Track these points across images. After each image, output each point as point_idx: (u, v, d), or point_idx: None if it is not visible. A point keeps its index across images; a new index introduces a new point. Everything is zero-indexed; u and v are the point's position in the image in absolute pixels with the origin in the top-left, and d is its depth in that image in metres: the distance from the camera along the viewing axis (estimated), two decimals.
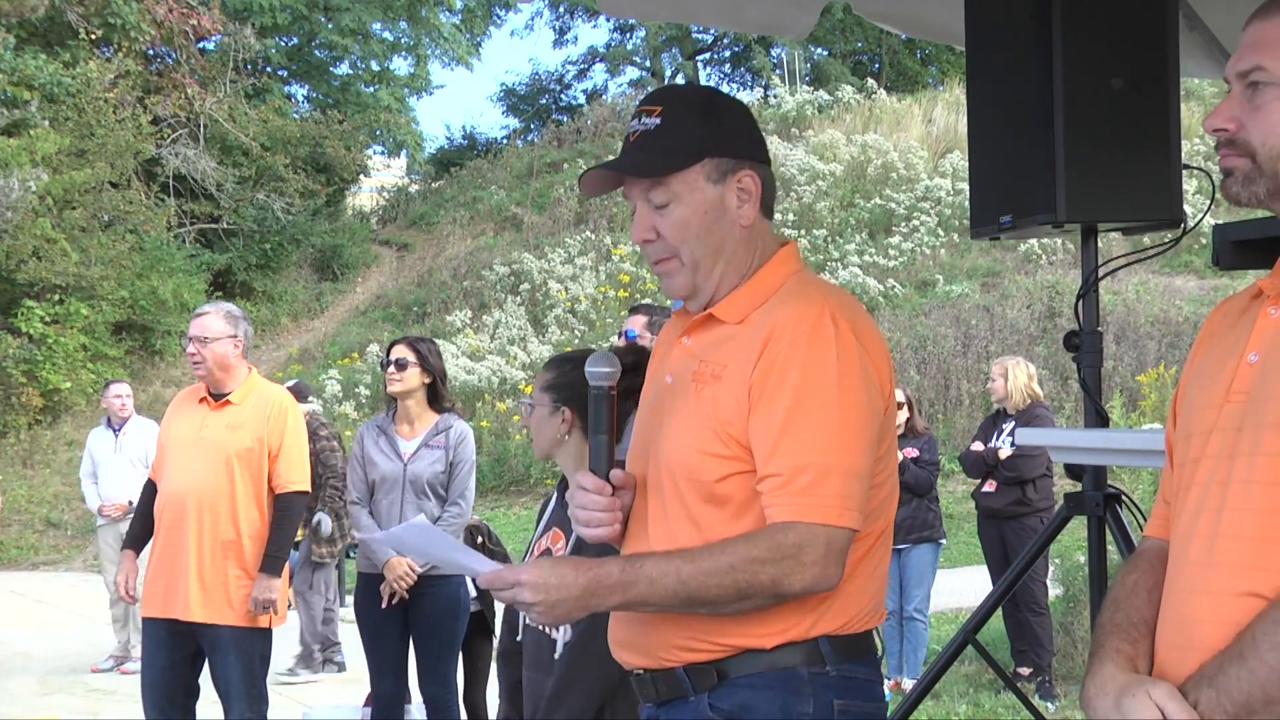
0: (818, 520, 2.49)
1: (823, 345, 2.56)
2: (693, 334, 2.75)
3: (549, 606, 2.49)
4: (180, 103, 26.90)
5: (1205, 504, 2.14)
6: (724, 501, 2.58)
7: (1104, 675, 2.18)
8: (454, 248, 29.16)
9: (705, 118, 2.71)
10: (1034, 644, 9.37)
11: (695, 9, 6.06)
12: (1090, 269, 4.78)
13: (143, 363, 25.00)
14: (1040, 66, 4.44)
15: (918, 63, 40.46)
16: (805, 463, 2.50)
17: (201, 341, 6.39)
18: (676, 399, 2.68)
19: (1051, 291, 22.03)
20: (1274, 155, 2.14)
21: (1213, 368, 2.25)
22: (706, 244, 2.68)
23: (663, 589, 2.48)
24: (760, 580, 2.47)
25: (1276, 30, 2.16)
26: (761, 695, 2.58)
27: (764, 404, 2.54)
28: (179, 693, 6.44)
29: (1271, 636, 1.97)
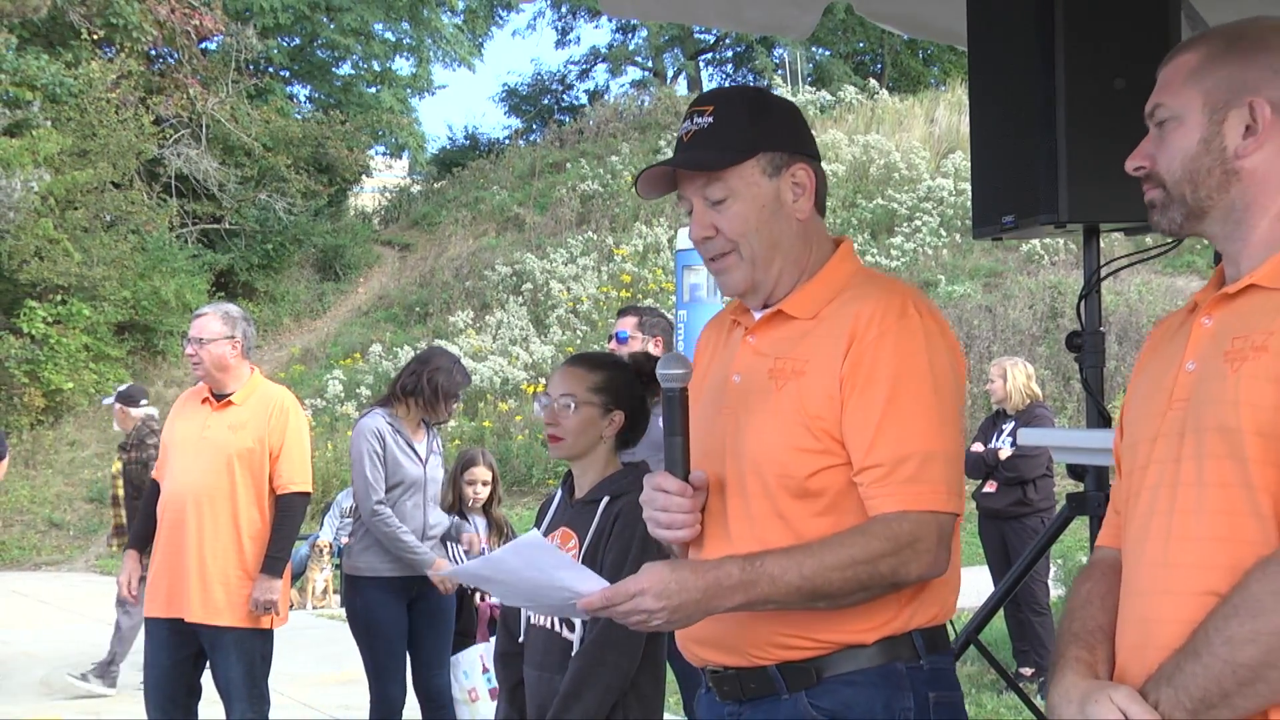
0: (927, 508, 2.54)
1: (911, 334, 2.60)
2: (759, 332, 2.76)
3: (673, 610, 2.48)
4: (182, 103, 26.92)
5: (1156, 507, 2.22)
6: (816, 496, 2.60)
7: (1066, 683, 2.24)
8: (456, 248, 29.16)
9: (756, 114, 2.75)
10: (1036, 644, 9.36)
11: (697, 9, 6.05)
12: (1092, 269, 4.78)
13: (145, 363, 25.02)
14: (1042, 66, 4.44)
15: (920, 63, 40.46)
16: (908, 451, 2.54)
17: (199, 343, 6.40)
18: (753, 397, 2.69)
19: (1054, 292, 22.01)
20: (1176, 180, 2.30)
21: (1154, 379, 2.34)
22: (765, 238, 2.71)
23: (785, 586, 2.49)
24: (880, 571, 2.51)
25: (1172, 72, 2.35)
26: (863, 692, 2.61)
27: (859, 396, 2.58)
28: (181, 693, 6.45)
29: (1222, 631, 2.03)
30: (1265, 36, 2.28)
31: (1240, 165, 2.25)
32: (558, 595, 2.63)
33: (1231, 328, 2.21)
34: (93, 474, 21.85)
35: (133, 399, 11.11)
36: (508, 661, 4.17)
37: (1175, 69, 2.35)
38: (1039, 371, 10.39)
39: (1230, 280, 2.29)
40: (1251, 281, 2.22)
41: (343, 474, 19.10)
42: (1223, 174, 2.26)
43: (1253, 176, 2.25)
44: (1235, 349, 2.16)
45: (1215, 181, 2.27)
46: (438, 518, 7.10)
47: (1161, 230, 2.36)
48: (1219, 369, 2.17)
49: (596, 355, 4.08)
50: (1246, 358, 2.14)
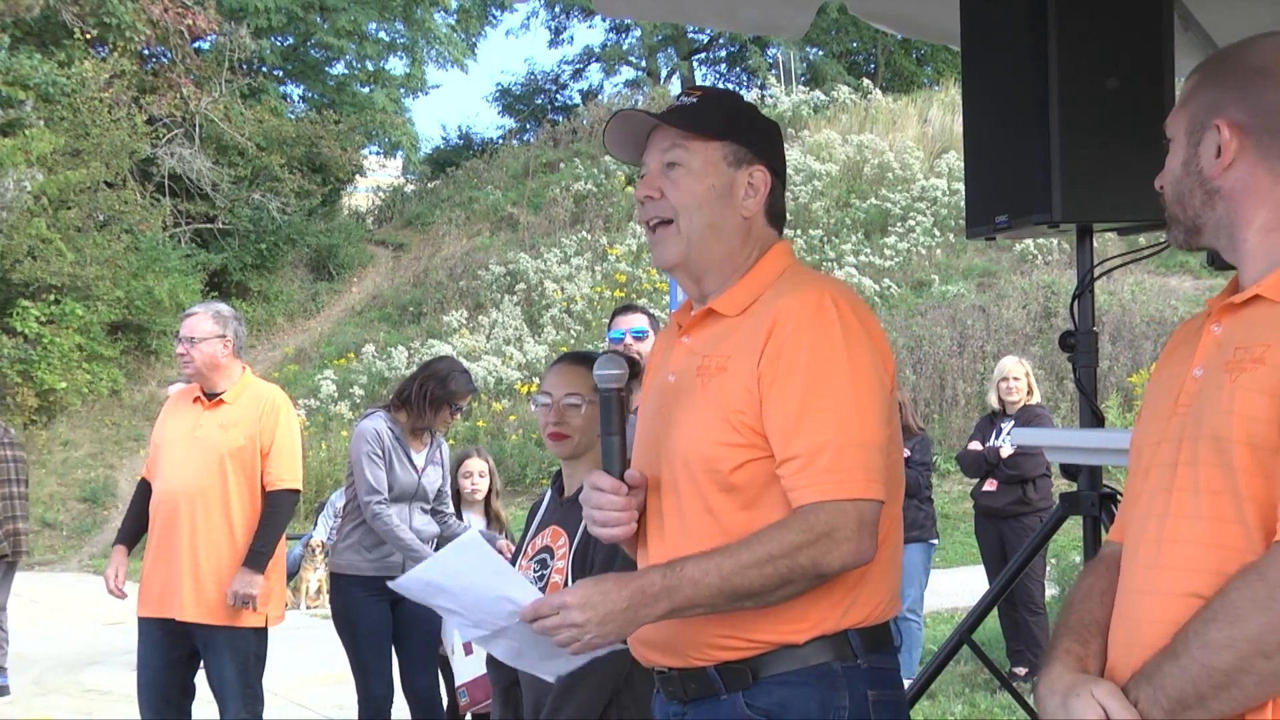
0: (845, 496, 2.54)
1: (828, 327, 2.63)
2: (692, 332, 2.81)
3: (599, 623, 2.50)
4: (175, 102, 26.88)
5: (1152, 510, 2.27)
6: (740, 489, 2.63)
7: (1053, 675, 2.28)
8: (450, 248, 29.16)
9: (738, 111, 2.86)
10: (1030, 643, 9.36)
11: (691, 9, 6.06)
12: (1086, 269, 4.78)
13: (138, 363, 25.00)
14: (1035, 66, 4.44)
15: (913, 63, 40.47)
16: (824, 441, 2.56)
17: (190, 341, 6.40)
18: (682, 395, 2.73)
19: (1047, 291, 22.03)
20: (1170, 200, 2.39)
21: (1167, 382, 2.39)
22: (706, 218, 2.76)
23: (707, 589, 2.51)
24: (800, 563, 2.51)
25: (1179, 95, 2.41)
26: (798, 692, 2.62)
27: (777, 389, 2.60)
28: (175, 693, 6.45)
29: (1201, 635, 2.08)
30: (1245, 55, 2.34)
31: (1218, 185, 2.31)
32: (499, 607, 2.63)
33: (1235, 337, 2.25)
34: (86, 474, 21.82)
35: None
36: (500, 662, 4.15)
37: (1180, 93, 2.41)
38: (1034, 371, 10.35)
39: (1243, 287, 2.33)
40: (1257, 293, 2.25)
41: (336, 474, 19.09)
42: (1205, 194, 2.33)
43: (1232, 194, 2.30)
44: (1235, 359, 2.20)
45: (1199, 201, 2.34)
46: (423, 523, 7.09)
47: (1175, 245, 2.44)
48: (1219, 378, 2.21)
49: (594, 354, 4.08)
50: (1244, 369, 2.18)
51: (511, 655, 2.78)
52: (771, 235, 2.85)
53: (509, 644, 2.73)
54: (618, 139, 2.88)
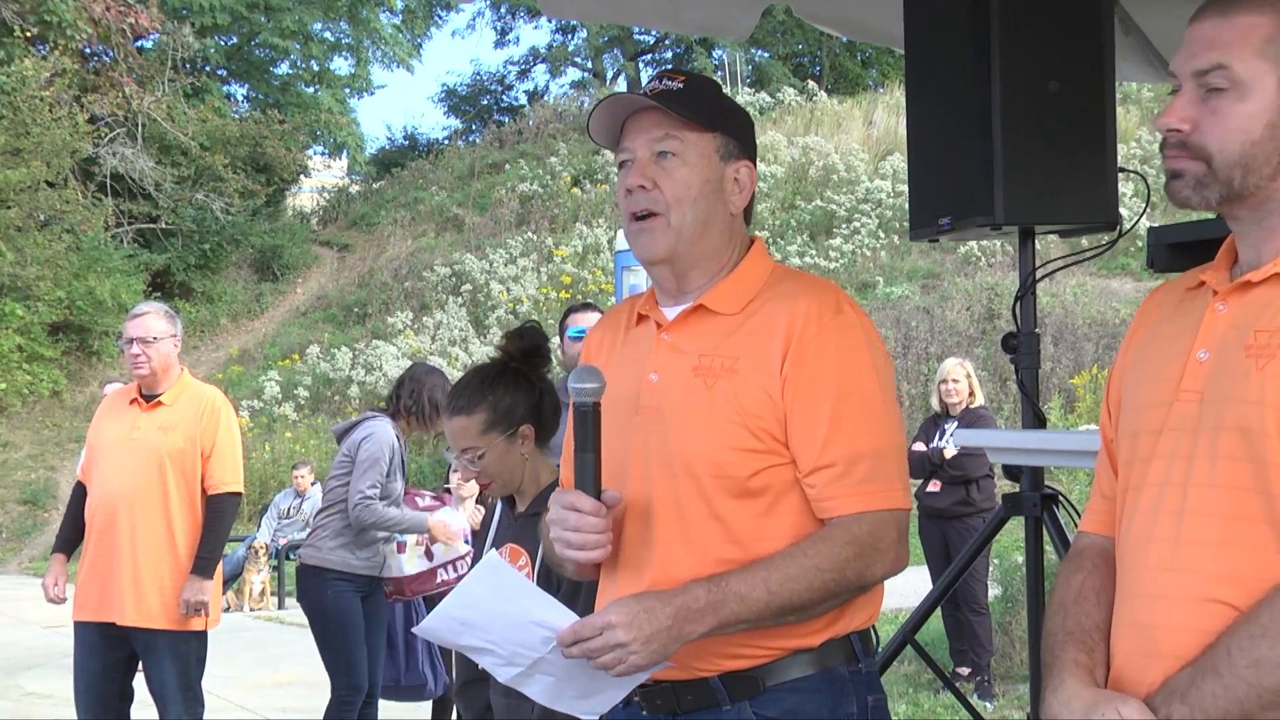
0: (884, 506, 2.51)
1: (851, 331, 2.58)
2: (676, 329, 2.68)
3: (644, 642, 2.39)
4: (118, 102, 26.69)
5: (1163, 506, 2.10)
6: (757, 495, 2.54)
7: (1068, 691, 2.13)
8: (395, 248, 29.07)
9: (723, 100, 2.75)
10: (973, 644, 9.41)
11: (636, 10, 6.05)
12: (1028, 271, 4.81)
13: (80, 364, 24.80)
14: (978, 70, 4.46)
15: (858, 65, 40.64)
16: (860, 450, 2.51)
17: (146, 342, 6.33)
18: (678, 396, 2.60)
19: (991, 293, 22.16)
20: (1230, 161, 2.10)
21: (1156, 362, 2.22)
22: (699, 212, 2.65)
23: (754, 603, 2.44)
24: (847, 576, 2.48)
25: (1238, 30, 2.12)
26: (809, 699, 2.56)
27: (805, 396, 2.53)
28: (113, 697, 6.39)
29: (1249, 652, 1.93)
30: None
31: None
32: (532, 636, 2.50)
33: (1252, 319, 2.08)
34: (26, 476, 21.63)
35: None
36: (470, 690, 4.02)
37: (1239, 30, 2.11)
38: (977, 373, 10.38)
39: (1247, 265, 2.17)
40: (1277, 271, 2.10)
41: (280, 475, 19.01)
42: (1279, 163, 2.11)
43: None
44: (1259, 343, 2.04)
45: (1270, 170, 2.11)
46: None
47: (1180, 202, 2.19)
48: (1240, 364, 2.05)
49: (465, 391, 3.77)
50: (1274, 355, 2.02)
51: (549, 695, 2.62)
52: (745, 232, 2.77)
53: (545, 680, 2.58)
54: (604, 121, 2.73)
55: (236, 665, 10.91)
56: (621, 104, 2.71)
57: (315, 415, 22.80)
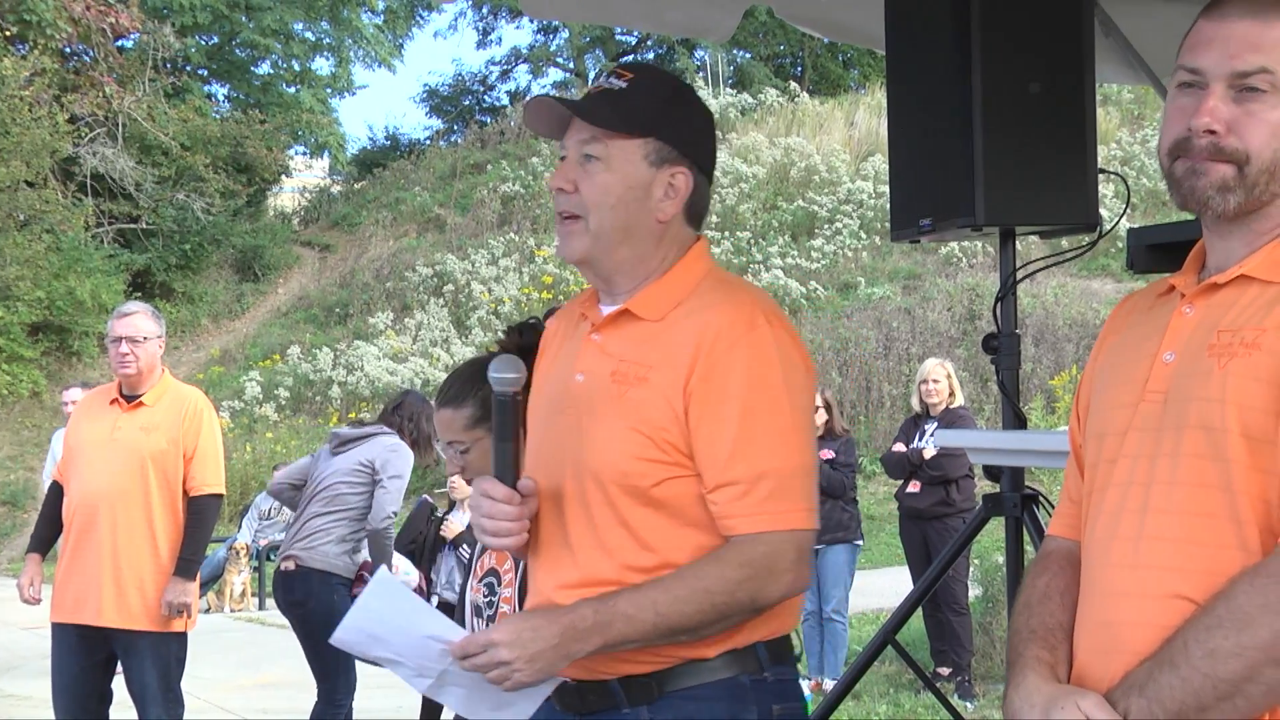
0: (785, 527, 2.46)
1: (763, 347, 2.51)
2: (605, 331, 2.65)
3: (528, 660, 2.41)
4: (98, 101, 26.62)
5: (1126, 505, 2.11)
6: (661, 505, 2.51)
7: (1029, 686, 2.13)
8: (376, 249, 29.04)
9: (669, 101, 2.66)
10: (954, 644, 9.42)
11: (618, 11, 6.05)
12: (1009, 272, 4.81)
13: (60, 364, 24.71)
14: (959, 71, 4.47)
15: (840, 66, 40.69)
16: (764, 469, 2.46)
17: (136, 342, 6.31)
18: (596, 400, 2.58)
19: (972, 294, 22.21)
20: (1262, 167, 2.08)
21: (1123, 366, 2.22)
22: (618, 219, 2.59)
23: (641, 624, 2.42)
24: (738, 598, 2.44)
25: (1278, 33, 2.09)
26: (706, 707, 2.52)
27: (711, 411, 2.48)
28: (92, 699, 6.36)
29: (1205, 643, 1.94)
30: None
31: None
32: (430, 649, 2.54)
33: (1217, 319, 2.09)
34: (5, 476, 21.57)
35: None
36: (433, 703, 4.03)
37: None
38: (958, 373, 10.39)
39: (1215, 267, 2.17)
40: (1242, 272, 2.10)
41: (261, 476, 18.97)
42: None
43: None
44: (1222, 343, 2.05)
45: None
46: None
47: (1195, 203, 2.13)
48: (1203, 364, 2.06)
49: (457, 381, 3.73)
50: (1235, 354, 2.03)
51: (465, 705, 2.64)
52: (689, 235, 2.69)
53: (457, 690, 2.61)
54: (539, 117, 2.69)
55: (217, 666, 10.89)
56: (545, 106, 2.67)
57: (296, 416, 22.77)
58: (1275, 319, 2.02)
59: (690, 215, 2.68)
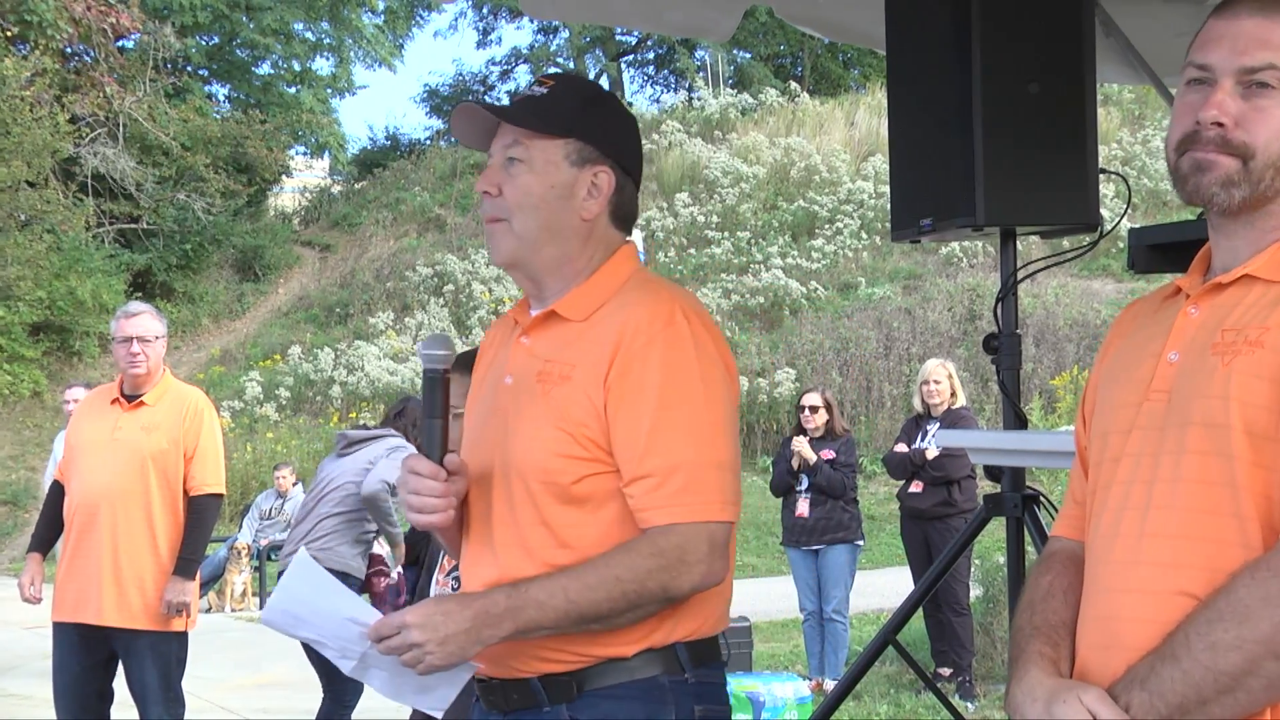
0: (698, 519, 2.48)
1: (680, 342, 2.54)
2: (533, 333, 2.70)
3: (440, 643, 2.44)
4: (99, 101, 26.62)
5: (1129, 502, 2.13)
6: (582, 502, 2.54)
7: (1031, 680, 2.14)
8: (377, 249, 29.03)
9: (588, 104, 2.71)
10: (954, 644, 9.43)
11: (617, 11, 6.05)
12: (1009, 272, 4.81)
13: (60, 364, 24.71)
14: (959, 71, 4.47)
15: (840, 66, 40.69)
16: (678, 462, 2.48)
17: (145, 341, 6.35)
18: (522, 400, 2.63)
19: (972, 294, 22.21)
20: (1268, 161, 2.11)
21: (1128, 366, 2.24)
22: (541, 219, 2.64)
23: (552, 610, 2.45)
24: (649, 588, 2.46)
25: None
26: (624, 706, 2.55)
27: (627, 405, 2.52)
28: (92, 698, 6.37)
29: (1205, 636, 1.95)
30: None
31: None
32: (349, 630, 2.57)
33: (1221, 319, 2.11)
34: (6, 476, 21.56)
35: None
36: None
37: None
38: (959, 373, 10.39)
39: (1221, 268, 2.19)
40: (1246, 272, 2.12)
41: (262, 475, 18.98)
42: None
43: None
44: (1225, 341, 2.07)
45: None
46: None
47: (1200, 198, 2.16)
48: (1206, 362, 2.08)
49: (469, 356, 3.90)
50: (1239, 352, 2.04)
51: (390, 688, 2.67)
52: (616, 237, 2.73)
53: (379, 673, 2.64)
54: (465, 129, 2.75)
55: (217, 666, 10.89)
56: (470, 114, 2.72)
57: (297, 416, 22.77)
58: (1279, 318, 2.03)
59: (617, 217, 2.73)
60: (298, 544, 7.30)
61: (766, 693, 8.50)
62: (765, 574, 16.15)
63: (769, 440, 20.00)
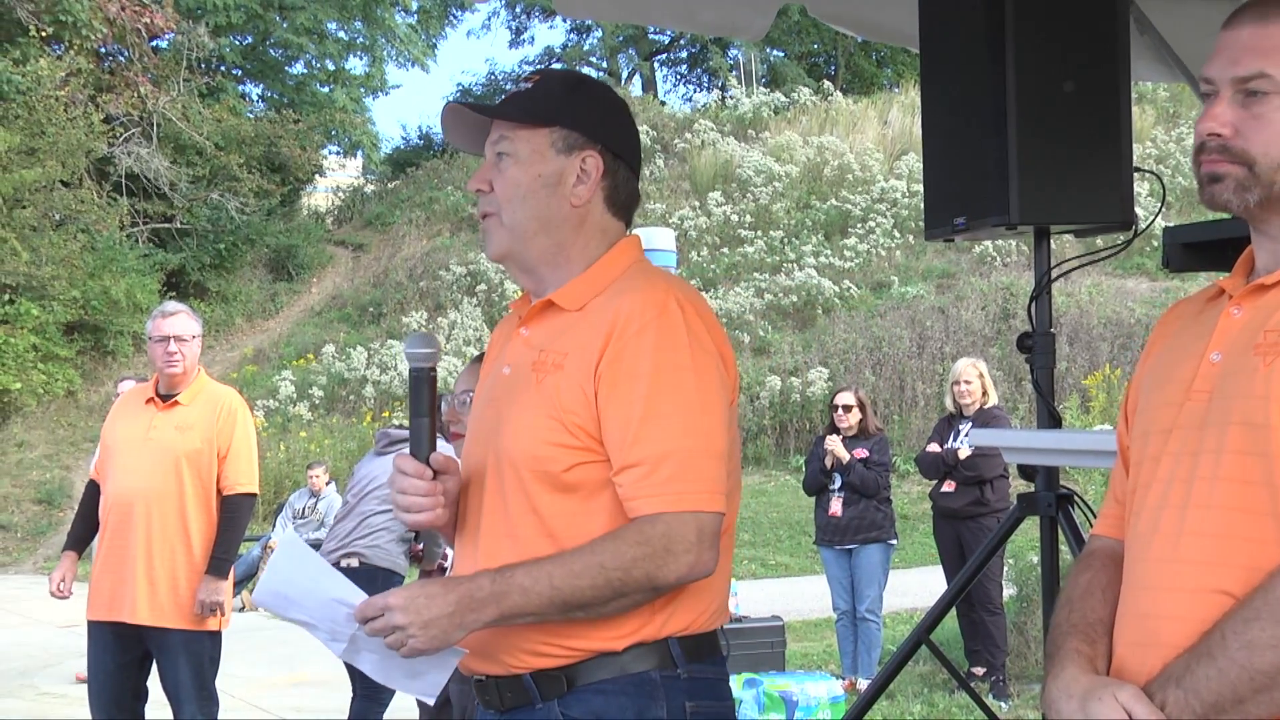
0: (686, 508, 2.45)
1: (673, 330, 2.51)
2: (531, 324, 2.70)
3: (423, 626, 2.43)
4: (133, 101, 26.75)
5: (1168, 501, 2.13)
6: (573, 490, 2.53)
7: (1067, 677, 2.16)
8: (410, 248, 29.09)
9: (570, 91, 2.70)
10: (988, 644, 9.40)
11: (651, 10, 6.05)
12: (1043, 271, 4.79)
13: (95, 363, 24.84)
14: (993, 69, 4.45)
15: (873, 65, 40.63)
16: (668, 450, 2.46)
17: (183, 340, 6.39)
18: (516, 389, 2.62)
19: (1006, 293, 22.14)
20: (1274, 165, 2.14)
21: (1170, 367, 2.25)
22: (530, 210, 2.64)
23: (537, 596, 2.43)
24: (635, 576, 2.43)
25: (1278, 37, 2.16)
26: (614, 701, 2.53)
27: (618, 393, 2.49)
28: (127, 696, 6.39)
29: (1242, 635, 1.95)
30: None
31: None
32: (337, 612, 2.57)
33: (1264, 319, 2.12)
34: (41, 475, 21.68)
35: None
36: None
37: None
38: (991, 372, 10.36)
39: (1264, 269, 2.21)
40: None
41: (295, 474, 19.03)
42: None
43: None
44: (1268, 342, 2.08)
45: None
46: None
47: (1218, 205, 2.21)
48: (1248, 362, 2.09)
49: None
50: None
51: (380, 671, 2.66)
52: (616, 226, 2.73)
53: (370, 656, 2.64)
54: (459, 132, 2.79)
55: (251, 665, 10.94)
56: (456, 115, 2.74)
57: (330, 415, 22.84)
58: None
59: (612, 203, 2.72)
60: (342, 541, 7.32)
61: (800, 692, 8.49)
62: (799, 573, 16.13)
63: (802, 439, 19.97)
